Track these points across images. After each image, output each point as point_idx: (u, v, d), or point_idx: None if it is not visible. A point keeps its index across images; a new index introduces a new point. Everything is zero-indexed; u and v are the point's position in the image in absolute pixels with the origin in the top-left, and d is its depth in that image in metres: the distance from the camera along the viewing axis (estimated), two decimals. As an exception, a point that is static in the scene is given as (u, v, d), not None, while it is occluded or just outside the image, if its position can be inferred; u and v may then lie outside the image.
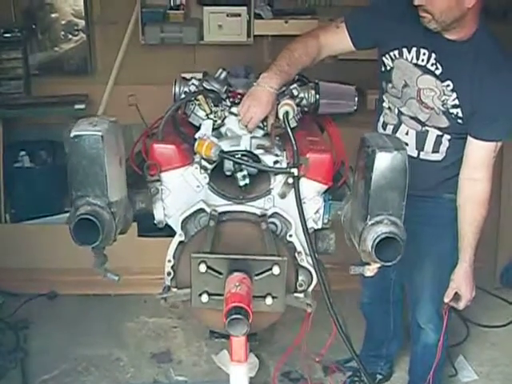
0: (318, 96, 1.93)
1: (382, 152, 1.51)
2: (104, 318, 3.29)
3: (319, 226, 1.78)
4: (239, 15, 3.81)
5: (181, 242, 1.72)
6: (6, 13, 3.83)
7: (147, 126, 1.96)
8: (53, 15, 3.91)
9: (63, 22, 3.93)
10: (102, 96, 3.81)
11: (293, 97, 1.89)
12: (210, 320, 1.72)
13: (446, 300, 2.22)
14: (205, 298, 1.55)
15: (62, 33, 3.95)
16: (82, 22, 3.92)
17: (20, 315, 3.23)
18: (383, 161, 1.51)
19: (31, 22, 3.89)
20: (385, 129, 2.29)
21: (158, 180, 1.72)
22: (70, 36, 3.95)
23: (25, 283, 3.42)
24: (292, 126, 1.79)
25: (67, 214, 1.57)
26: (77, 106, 3.74)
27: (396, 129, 2.24)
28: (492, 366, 3.02)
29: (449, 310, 2.28)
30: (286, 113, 1.79)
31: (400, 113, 2.22)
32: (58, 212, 3.73)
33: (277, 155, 1.76)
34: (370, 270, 1.68)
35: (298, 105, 1.87)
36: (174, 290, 1.71)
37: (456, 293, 2.21)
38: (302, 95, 1.92)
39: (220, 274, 1.54)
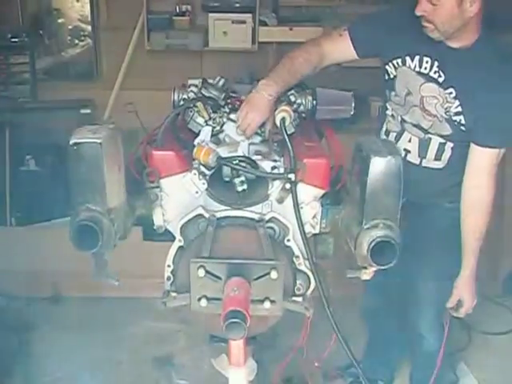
0: (315, 102, 1.93)
1: (377, 157, 1.53)
2: (107, 321, 3.29)
3: (317, 231, 1.79)
4: (244, 22, 3.83)
5: (180, 247, 1.73)
6: (14, 18, 3.86)
7: (147, 133, 1.98)
8: (60, 20, 3.96)
9: (70, 28, 3.97)
10: (108, 101, 3.84)
11: (290, 103, 1.90)
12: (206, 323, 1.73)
13: (449, 306, 2.22)
14: (204, 302, 1.56)
15: (69, 38, 3.99)
16: (88, 28, 3.96)
17: (23, 318, 3.25)
18: (378, 166, 1.52)
19: (38, 27, 3.93)
20: (388, 136, 2.30)
21: (158, 186, 1.73)
22: (77, 41, 3.99)
23: (28, 286, 3.44)
24: (289, 132, 1.79)
25: (71, 218, 1.58)
26: (83, 111, 3.79)
27: (399, 136, 2.25)
28: (493, 373, 3.01)
29: (450, 318, 2.28)
30: (283, 119, 1.79)
31: (403, 120, 2.22)
32: (63, 215, 3.73)
33: (274, 161, 1.77)
34: (367, 274, 1.70)
35: (295, 111, 1.88)
36: (174, 294, 1.72)
37: (458, 300, 2.21)
38: (299, 101, 1.93)
39: (219, 278, 1.55)
